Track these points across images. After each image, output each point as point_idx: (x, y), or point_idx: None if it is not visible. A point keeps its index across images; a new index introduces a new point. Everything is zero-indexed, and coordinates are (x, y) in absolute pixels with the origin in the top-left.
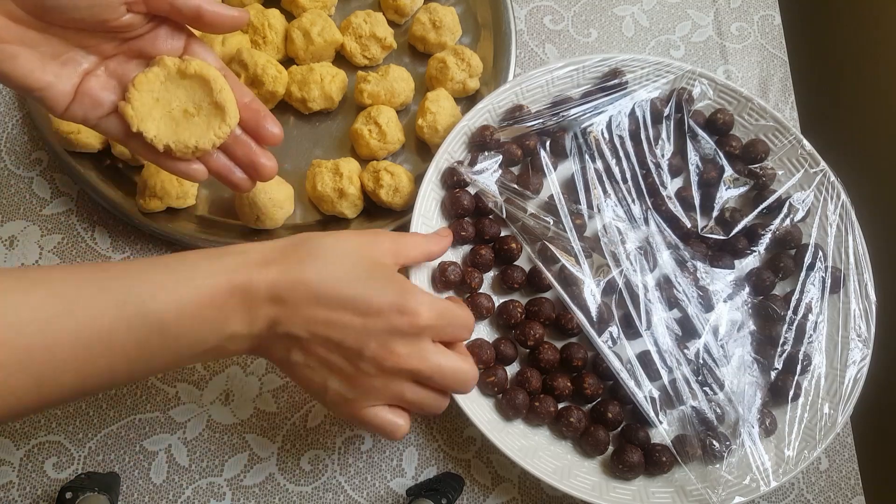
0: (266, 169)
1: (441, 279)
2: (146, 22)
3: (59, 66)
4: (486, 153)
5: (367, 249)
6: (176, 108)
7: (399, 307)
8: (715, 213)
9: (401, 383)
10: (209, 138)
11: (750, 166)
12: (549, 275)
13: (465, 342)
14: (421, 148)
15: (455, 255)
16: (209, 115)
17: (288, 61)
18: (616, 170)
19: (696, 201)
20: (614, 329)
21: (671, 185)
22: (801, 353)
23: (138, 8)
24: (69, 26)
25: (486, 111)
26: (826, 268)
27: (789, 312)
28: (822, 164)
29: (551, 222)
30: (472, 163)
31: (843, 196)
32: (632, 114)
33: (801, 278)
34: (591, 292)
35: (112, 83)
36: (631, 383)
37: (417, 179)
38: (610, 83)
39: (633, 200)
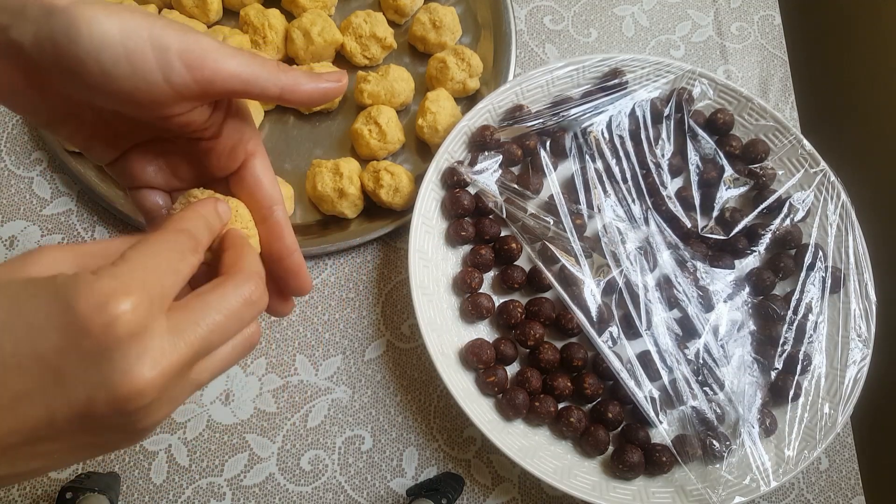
0: (280, 313)
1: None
2: (208, 115)
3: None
4: (486, 153)
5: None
6: None
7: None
8: (715, 213)
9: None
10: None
11: (750, 166)
12: (549, 275)
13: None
14: (421, 148)
15: (455, 255)
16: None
17: (288, 61)
18: (616, 170)
19: (696, 201)
20: (614, 329)
21: (671, 185)
22: (801, 353)
23: (198, 99)
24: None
25: (486, 111)
26: (826, 268)
27: (789, 312)
28: (822, 164)
29: (551, 222)
30: (472, 163)
31: (843, 196)
32: (632, 114)
33: (801, 278)
34: (591, 292)
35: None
36: (631, 383)
37: (417, 179)
38: (610, 83)
39: (634, 200)
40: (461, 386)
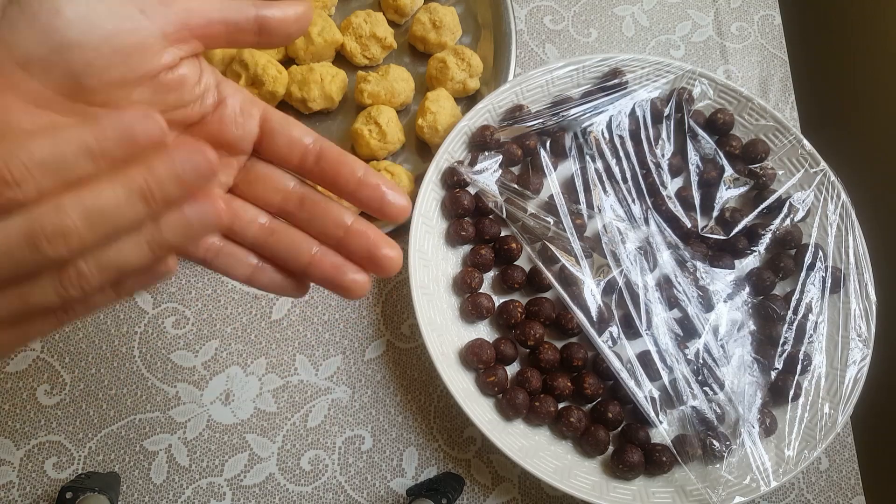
0: (390, 262)
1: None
2: (199, 72)
3: None
4: (486, 153)
5: None
6: None
7: None
8: (715, 213)
9: None
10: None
11: (750, 166)
12: (549, 275)
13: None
14: (421, 148)
15: (455, 255)
16: None
17: (288, 61)
18: (616, 170)
19: (697, 201)
20: (614, 329)
21: (671, 185)
22: (801, 353)
23: (182, 41)
24: (108, 94)
25: (486, 111)
26: (826, 268)
27: (789, 312)
28: (823, 163)
29: (551, 222)
30: (473, 163)
31: (843, 196)
32: (632, 114)
33: (801, 278)
34: (591, 292)
35: None
36: (631, 383)
37: (417, 179)
38: (610, 83)
39: (634, 200)
40: (461, 386)
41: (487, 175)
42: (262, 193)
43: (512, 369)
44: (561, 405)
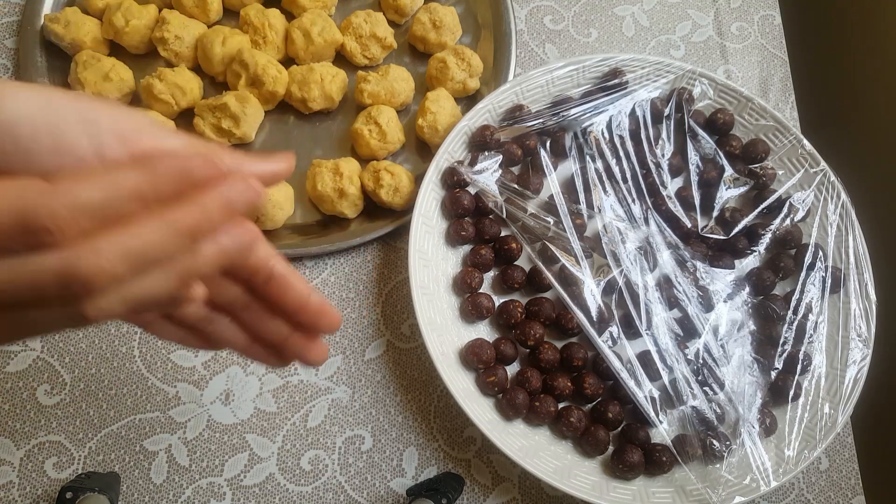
0: (318, 360)
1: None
2: None
3: None
4: (486, 153)
5: None
6: None
7: None
8: (715, 213)
9: None
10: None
11: (750, 166)
12: (549, 275)
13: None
14: (421, 148)
15: (455, 255)
16: None
17: (288, 61)
18: (616, 170)
19: (697, 201)
20: (614, 329)
21: (671, 185)
22: (801, 352)
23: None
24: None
25: (486, 111)
26: (826, 268)
27: (789, 312)
28: (823, 163)
29: (551, 222)
30: (473, 163)
31: (843, 196)
32: (632, 113)
33: (801, 278)
34: (591, 292)
35: None
36: (631, 383)
37: (417, 179)
38: (610, 83)
39: (634, 200)
40: (461, 386)
41: (487, 175)
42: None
43: (512, 369)
44: (561, 405)
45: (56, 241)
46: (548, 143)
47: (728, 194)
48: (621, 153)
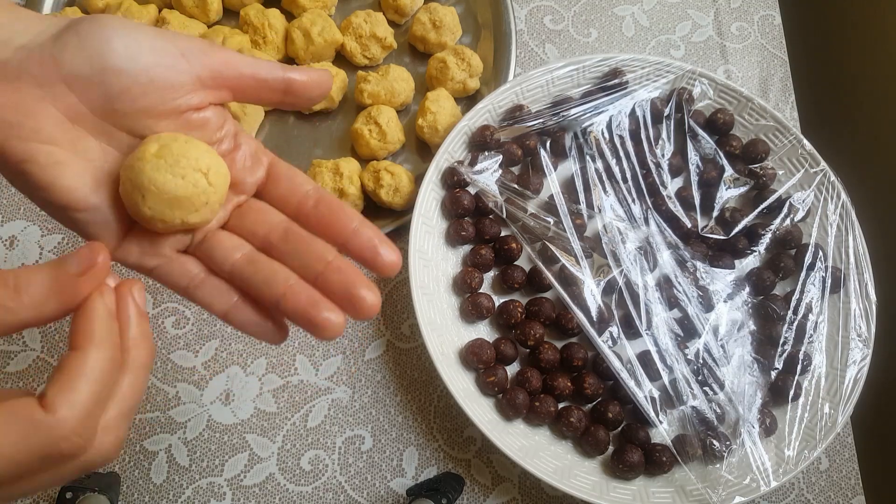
0: (366, 305)
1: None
2: (223, 119)
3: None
4: (487, 153)
5: None
6: None
7: None
8: (715, 213)
9: None
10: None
11: (750, 166)
12: (549, 275)
13: (471, 342)
14: (421, 148)
15: (455, 255)
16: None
17: (288, 61)
18: (616, 169)
19: (697, 201)
20: (614, 329)
21: (671, 185)
22: (801, 353)
23: (213, 87)
24: (136, 121)
25: (486, 111)
26: (826, 268)
27: (789, 312)
28: (823, 163)
29: (551, 222)
30: (473, 163)
31: (843, 196)
32: (632, 113)
33: (801, 278)
34: (591, 292)
35: None
36: (631, 383)
37: (417, 179)
38: (610, 83)
39: (634, 200)
40: (461, 386)
41: (487, 175)
42: (251, 226)
43: (512, 369)
44: (561, 405)
45: (77, 455)
46: (548, 143)
47: (728, 194)
48: (621, 153)
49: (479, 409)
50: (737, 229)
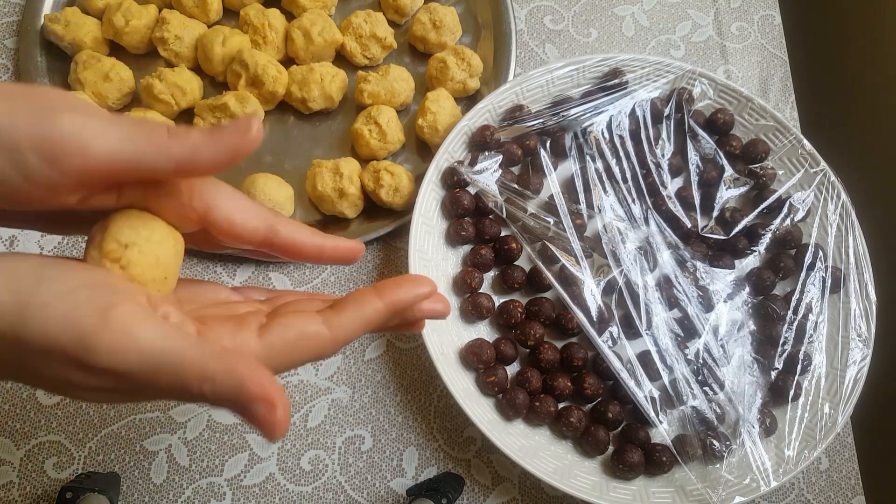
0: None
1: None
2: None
3: None
4: (487, 153)
5: None
6: None
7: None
8: (715, 213)
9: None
10: None
11: (750, 166)
12: (549, 275)
13: (471, 342)
14: (421, 148)
15: (455, 255)
16: None
17: (288, 61)
18: (616, 169)
19: (697, 201)
20: (614, 329)
21: (671, 185)
22: (801, 353)
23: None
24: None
25: (487, 111)
26: (826, 268)
27: (789, 312)
28: (823, 163)
29: (551, 222)
30: (473, 163)
31: (843, 196)
32: (632, 114)
33: (801, 278)
34: (591, 292)
35: None
36: (631, 383)
37: (418, 179)
38: (610, 83)
39: (634, 200)
40: (461, 386)
41: (487, 175)
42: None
43: (512, 369)
44: (561, 405)
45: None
46: (548, 143)
47: (728, 194)
48: (621, 153)
49: (479, 409)
50: (737, 229)
